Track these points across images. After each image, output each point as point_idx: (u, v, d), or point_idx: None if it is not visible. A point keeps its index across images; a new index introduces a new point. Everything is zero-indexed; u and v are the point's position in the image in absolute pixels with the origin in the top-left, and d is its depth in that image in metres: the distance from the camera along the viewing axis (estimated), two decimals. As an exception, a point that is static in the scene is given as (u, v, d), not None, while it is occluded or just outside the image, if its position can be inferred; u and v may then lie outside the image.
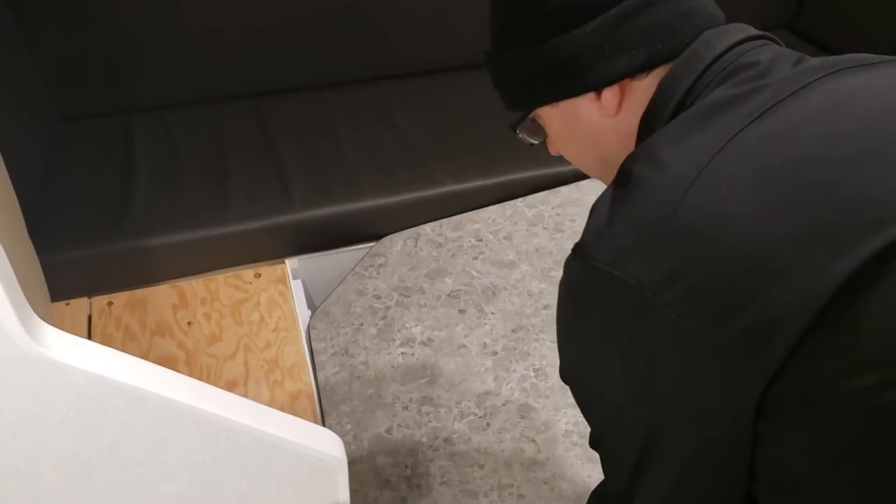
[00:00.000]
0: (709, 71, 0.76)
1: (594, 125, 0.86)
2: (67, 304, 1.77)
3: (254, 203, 1.83)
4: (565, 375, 0.84)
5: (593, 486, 1.52)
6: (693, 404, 0.67)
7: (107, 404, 0.80)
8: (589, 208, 0.71)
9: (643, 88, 0.81)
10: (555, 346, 1.68)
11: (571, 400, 1.60)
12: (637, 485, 0.77)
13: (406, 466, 1.54)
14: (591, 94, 0.84)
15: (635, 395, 0.72)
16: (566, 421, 1.60)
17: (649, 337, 0.67)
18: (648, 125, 0.80)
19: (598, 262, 0.69)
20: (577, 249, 0.73)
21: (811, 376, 0.59)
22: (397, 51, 2.22)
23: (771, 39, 0.79)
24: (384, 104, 2.14)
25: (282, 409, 1.58)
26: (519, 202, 2.02)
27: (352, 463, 1.55)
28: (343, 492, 0.99)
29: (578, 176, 2.00)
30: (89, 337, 1.69)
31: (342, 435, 1.59)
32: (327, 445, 0.94)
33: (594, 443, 0.85)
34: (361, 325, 1.79)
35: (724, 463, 0.70)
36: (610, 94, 0.82)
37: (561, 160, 1.94)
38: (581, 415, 1.43)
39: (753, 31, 0.79)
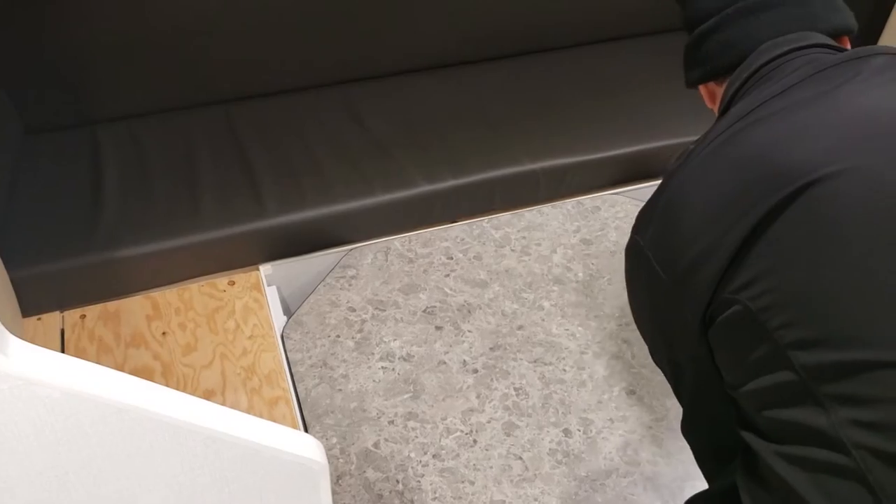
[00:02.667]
0: (751, 79, 0.95)
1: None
2: (39, 318, 1.74)
3: (225, 210, 1.82)
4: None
5: (581, 502, 1.53)
6: (676, 328, 0.92)
7: (82, 418, 0.79)
8: (552, 233, 0.89)
9: (721, 90, 1.03)
10: (532, 366, 1.72)
11: (553, 419, 1.65)
12: (679, 397, 1.04)
13: (397, 481, 1.55)
14: (700, 87, 1.10)
15: (653, 327, 0.99)
16: (549, 440, 1.62)
17: (648, 280, 0.92)
18: None
19: (632, 230, 0.96)
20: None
21: (725, 293, 0.82)
22: (364, 54, 2.21)
23: (826, 46, 0.96)
24: (353, 107, 2.13)
25: (260, 416, 1.56)
26: (485, 223, 2.04)
27: (341, 477, 1.55)
28: (325, 496, 0.98)
29: (549, 174, 2.00)
30: (63, 351, 1.66)
31: (328, 448, 1.59)
32: (308, 450, 0.93)
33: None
34: (338, 336, 1.79)
35: (708, 371, 0.92)
36: (702, 89, 1.08)
37: (532, 158, 1.96)
38: (562, 434, 1.64)
39: (810, 41, 0.96)
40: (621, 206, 2.07)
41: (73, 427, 0.79)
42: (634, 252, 0.95)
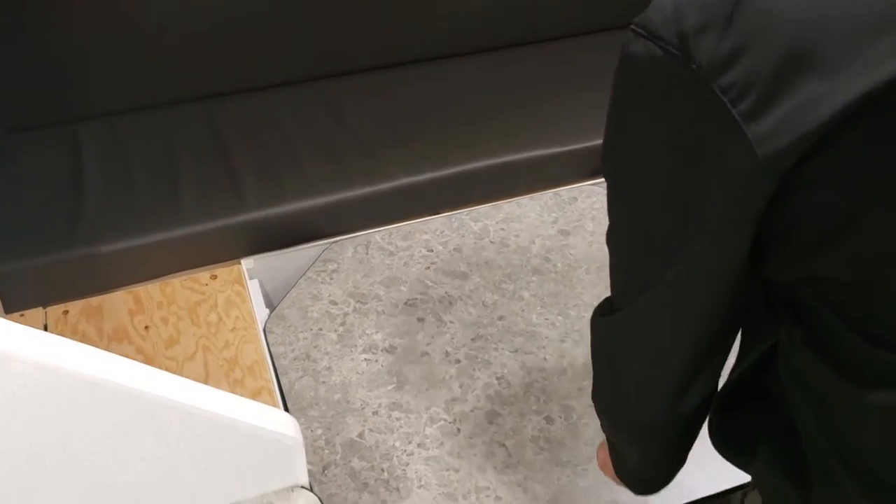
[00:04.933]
0: None
1: None
2: (22, 315, 1.75)
3: (206, 204, 1.83)
4: (605, 160, 0.83)
5: (564, 487, 1.55)
6: (722, 194, 0.69)
7: (56, 393, 0.80)
8: (529, 224, 0.68)
9: None
10: (513, 355, 1.73)
11: (535, 407, 1.66)
12: (648, 277, 0.80)
13: (383, 470, 1.56)
14: None
15: (670, 180, 0.73)
16: (532, 427, 1.64)
17: (696, 122, 0.67)
18: None
19: (660, 42, 0.68)
20: (640, 26, 0.71)
21: (849, 154, 0.62)
22: (343, 49, 2.23)
23: None
24: (333, 102, 2.14)
25: (243, 406, 1.58)
26: (464, 215, 2.05)
27: (327, 467, 1.57)
28: (301, 472, 0.99)
29: (532, 165, 2.02)
30: (45, 346, 1.67)
31: (314, 440, 1.61)
32: (282, 426, 0.94)
33: (610, 236, 0.87)
34: (321, 329, 1.80)
35: (732, 255, 0.73)
36: None
37: (511, 150, 1.98)
38: (544, 421, 1.58)
39: None
40: (598, 197, 2.09)
41: (47, 402, 0.80)
42: (673, 74, 0.68)
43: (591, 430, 1.63)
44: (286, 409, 1.66)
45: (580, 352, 1.77)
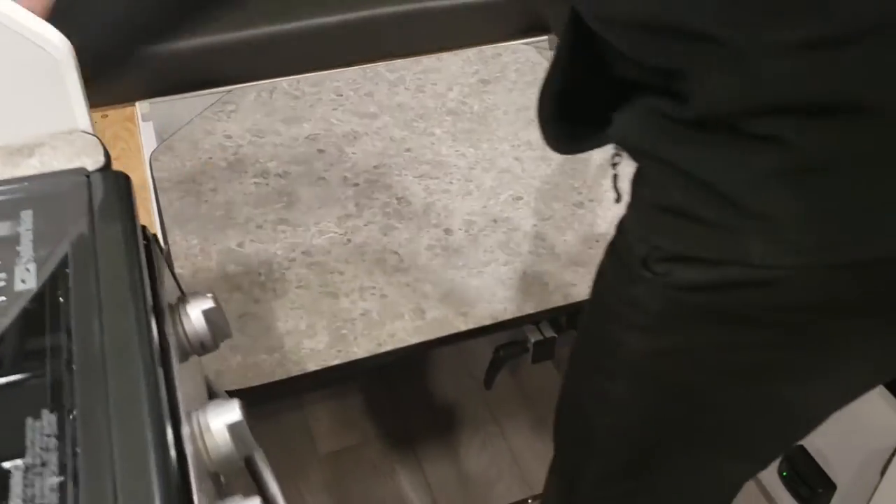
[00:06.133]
0: None
1: None
2: None
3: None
4: None
5: (456, 287, 1.42)
6: None
7: None
8: (449, 74, 0.60)
9: None
10: (417, 180, 1.62)
11: (434, 221, 1.54)
12: None
13: (260, 274, 1.44)
14: None
15: None
16: (429, 237, 1.53)
17: None
18: None
19: None
20: None
21: None
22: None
23: None
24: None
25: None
26: (380, 66, 1.94)
27: (198, 271, 1.44)
28: (81, 114, 0.87)
29: (452, 13, 1.90)
30: None
31: (187, 248, 1.48)
32: (51, 35, 0.82)
33: None
34: (210, 158, 1.68)
35: None
36: None
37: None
38: (443, 233, 1.51)
39: None
40: (524, 54, 1.98)
41: None
42: None
43: (492, 241, 1.50)
44: (163, 229, 1.53)
45: (489, 176, 1.65)
